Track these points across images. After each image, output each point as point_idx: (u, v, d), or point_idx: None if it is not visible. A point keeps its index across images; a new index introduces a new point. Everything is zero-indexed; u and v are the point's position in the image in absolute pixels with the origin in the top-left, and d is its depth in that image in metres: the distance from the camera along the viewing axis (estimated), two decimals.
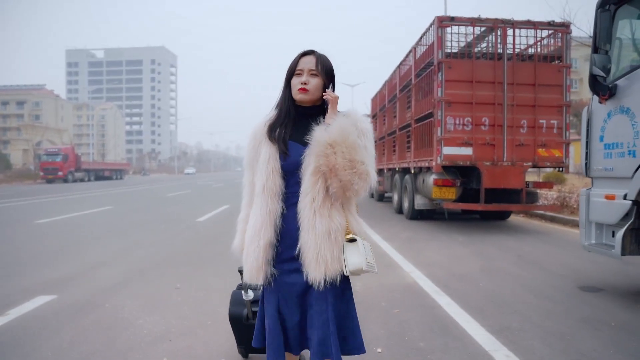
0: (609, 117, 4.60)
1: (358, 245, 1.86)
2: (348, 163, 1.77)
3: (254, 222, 1.91)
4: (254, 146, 1.97)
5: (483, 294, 4.70)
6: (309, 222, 1.82)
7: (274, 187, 1.88)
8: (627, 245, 4.36)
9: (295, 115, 1.95)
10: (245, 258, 1.93)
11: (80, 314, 4.03)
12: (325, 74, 1.93)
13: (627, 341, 3.44)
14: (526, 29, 9.22)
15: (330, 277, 1.82)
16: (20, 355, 3.15)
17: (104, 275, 5.46)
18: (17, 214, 13.12)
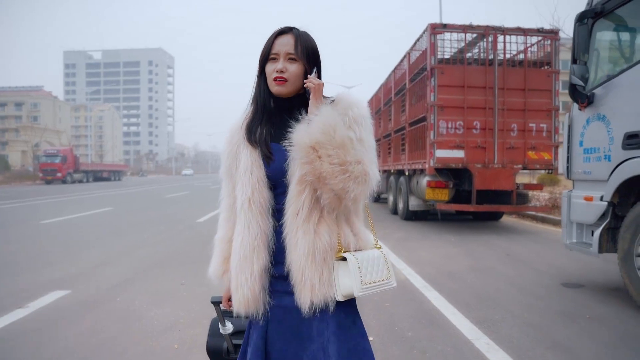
0: (587, 124, 4.92)
1: (349, 264, 1.50)
2: (337, 167, 1.43)
3: (241, 244, 1.56)
4: (231, 152, 1.65)
5: (469, 290, 5.00)
6: (292, 239, 1.52)
7: (262, 201, 1.55)
8: (603, 244, 4.68)
9: (274, 109, 1.62)
10: (236, 288, 1.57)
11: (94, 306, 4.33)
12: (306, 57, 1.57)
13: (599, 332, 3.74)
14: (516, 35, 9.55)
15: (318, 302, 1.50)
16: (46, 340, 3.45)
17: (112, 272, 5.76)
18: (21, 214, 13.39)
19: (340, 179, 1.43)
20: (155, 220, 11.79)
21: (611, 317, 4.12)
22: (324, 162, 1.43)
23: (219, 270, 1.69)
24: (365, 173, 1.47)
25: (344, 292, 1.51)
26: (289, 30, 1.59)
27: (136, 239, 8.63)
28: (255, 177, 1.56)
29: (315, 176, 1.45)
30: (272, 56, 1.57)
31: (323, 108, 1.49)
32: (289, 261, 1.52)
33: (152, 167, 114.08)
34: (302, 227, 1.51)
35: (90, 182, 45.44)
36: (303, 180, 1.49)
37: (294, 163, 1.50)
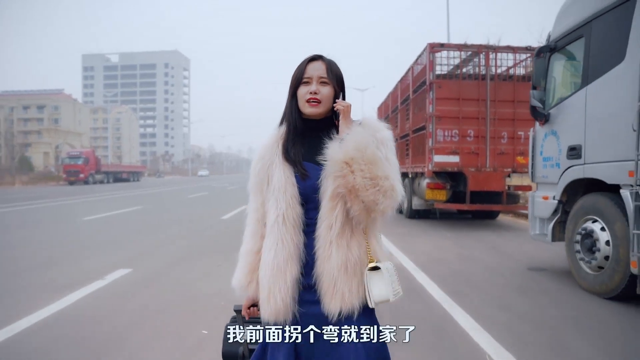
0: (545, 137, 6.08)
1: (383, 273, 1.65)
2: (369, 181, 1.56)
3: (275, 257, 1.66)
4: (263, 168, 1.74)
5: (451, 272, 6.18)
6: (324, 252, 1.63)
7: (295, 217, 1.67)
8: (556, 234, 5.86)
9: (304, 130, 1.74)
10: (267, 298, 1.67)
11: (153, 280, 5.62)
12: (336, 81, 1.73)
13: (542, 300, 4.90)
14: (506, 53, 10.69)
15: (346, 310, 1.62)
16: (120, 304, 4.71)
17: (161, 257, 7.06)
18: (61, 213, 14.82)
19: (372, 192, 1.55)
20: (185, 217, 13.15)
21: (557, 291, 5.27)
22: (356, 176, 1.55)
23: (244, 280, 1.79)
24: (392, 188, 1.59)
25: (377, 299, 1.64)
26: (318, 57, 1.74)
27: (173, 232, 9.96)
28: (289, 194, 1.66)
29: (347, 189, 1.57)
30: (305, 80, 1.71)
31: (354, 128, 1.64)
32: (320, 272, 1.64)
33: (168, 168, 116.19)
34: (335, 241, 1.62)
35: (111, 183, 47.08)
36: (335, 196, 1.61)
37: (326, 180, 1.62)
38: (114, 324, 4.06)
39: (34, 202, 19.28)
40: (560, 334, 3.86)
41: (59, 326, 4.00)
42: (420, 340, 3.60)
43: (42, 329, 3.95)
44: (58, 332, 3.86)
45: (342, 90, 1.77)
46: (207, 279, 5.70)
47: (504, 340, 3.67)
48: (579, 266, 5.30)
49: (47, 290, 5.09)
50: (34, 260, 6.86)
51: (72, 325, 4.01)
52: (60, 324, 4.06)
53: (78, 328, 3.96)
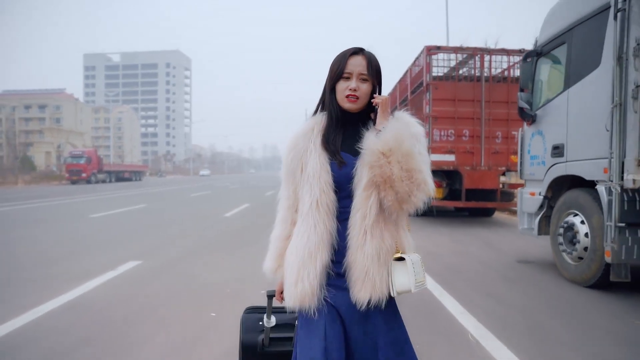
0: (532, 137, 6.43)
1: (407, 264, 1.69)
2: (405, 173, 1.60)
3: (307, 242, 1.69)
4: (296, 156, 1.76)
5: (443, 264, 6.53)
6: (358, 241, 1.66)
7: (329, 203, 1.69)
8: (542, 228, 6.21)
9: (342, 121, 1.77)
10: (295, 282, 1.69)
11: (163, 271, 5.98)
12: (375, 77, 1.74)
13: (527, 289, 5.26)
14: (500, 55, 11.04)
15: (375, 299, 1.66)
16: (133, 291, 5.07)
17: (167, 251, 7.42)
18: (68, 210, 15.17)
19: (406, 184, 1.60)
20: (189, 215, 13.53)
21: (542, 281, 5.62)
22: (393, 167, 1.59)
23: (273, 265, 1.83)
24: (425, 182, 1.64)
25: (399, 289, 1.68)
26: (360, 51, 1.73)
27: (178, 228, 10.33)
28: (324, 181, 1.69)
29: (383, 178, 1.61)
30: (346, 75, 1.70)
31: (392, 121, 1.68)
32: (352, 260, 1.67)
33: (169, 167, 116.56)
34: (369, 231, 1.66)
35: (113, 182, 47.42)
36: (370, 185, 1.65)
37: (361, 170, 1.66)
38: (130, 307, 4.43)
39: (39, 201, 19.65)
40: (538, 318, 4.21)
41: (80, 309, 4.36)
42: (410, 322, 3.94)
43: (66, 310, 4.32)
44: (80, 313, 4.23)
45: (379, 84, 1.78)
46: (213, 270, 6.06)
47: (486, 322, 4.03)
48: (561, 257, 5.66)
49: (66, 279, 5.45)
50: (49, 253, 7.24)
51: (92, 308, 4.38)
52: (80, 307, 4.43)
53: (97, 311, 4.32)
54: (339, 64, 1.72)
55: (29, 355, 3.31)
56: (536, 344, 3.55)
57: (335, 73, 1.72)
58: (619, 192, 4.46)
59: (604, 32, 4.80)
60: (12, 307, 4.36)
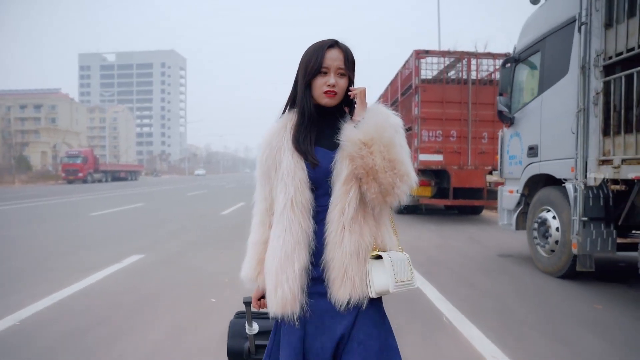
0: (511, 138, 6.87)
1: (384, 262, 1.60)
2: (388, 163, 1.54)
3: (283, 244, 1.61)
4: (270, 154, 1.69)
5: (427, 257, 6.96)
6: (336, 237, 1.59)
7: (304, 202, 1.61)
8: (519, 223, 6.66)
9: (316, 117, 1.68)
10: (275, 287, 1.61)
11: (164, 264, 6.39)
12: (352, 70, 1.68)
13: (503, 279, 5.69)
14: (487, 59, 11.50)
15: (355, 299, 1.58)
16: (139, 281, 5.48)
17: (168, 246, 7.82)
18: (68, 209, 15.53)
19: (390, 175, 1.53)
20: (186, 213, 13.93)
21: (517, 272, 6.05)
22: (376, 157, 1.52)
23: (252, 272, 1.75)
24: (407, 173, 1.57)
25: (377, 289, 1.59)
26: (335, 44, 1.65)
27: (177, 226, 10.73)
28: (298, 179, 1.60)
29: (365, 170, 1.54)
30: (323, 70, 1.62)
31: (369, 112, 1.60)
32: (330, 258, 1.58)
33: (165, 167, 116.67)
34: (347, 227, 1.58)
35: (109, 182, 47.69)
36: (350, 179, 1.58)
37: (341, 162, 1.59)
38: (137, 294, 4.84)
39: (38, 200, 19.98)
40: (508, 303, 4.65)
41: (93, 295, 4.77)
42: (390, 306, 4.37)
43: (81, 297, 4.74)
44: (93, 299, 4.64)
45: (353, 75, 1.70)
46: (211, 262, 6.48)
47: (460, 306, 4.45)
48: (536, 250, 6.10)
49: (75, 271, 5.85)
50: (55, 248, 7.63)
51: (103, 295, 4.79)
52: (93, 294, 4.84)
53: (108, 297, 4.73)
54: (315, 58, 1.63)
55: (52, 333, 3.72)
56: (502, 324, 3.99)
57: (312, 68, 1.63)
58: (583, 189, 4.90)
59: (571, 42, 5.24)
60: (30, 295, 4.77)
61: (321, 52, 1.63)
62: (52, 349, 3.41)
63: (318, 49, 1.64)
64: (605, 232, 4.99)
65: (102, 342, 3.54)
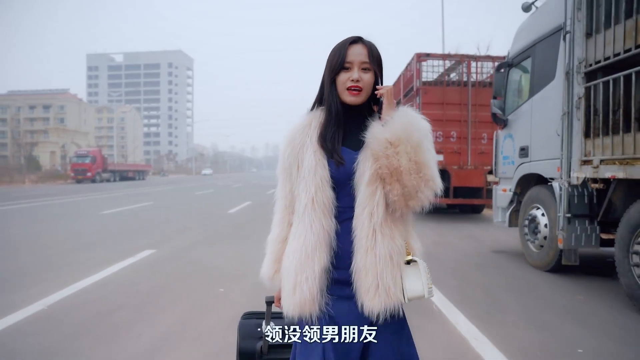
0: (504, 140, 7.20)
1: (419, 267, 1.58)
2: (414, 166, 1.47)
3: (304, 244, 1.56)
4: (293, 152, 1.64)
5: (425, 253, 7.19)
6: (368, 242, 1.51)
7: (325, 201, 1.56)
8: (512, 221, 6.99)
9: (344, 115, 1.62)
10: (293, 287, 1.56)
11: (175, 258, 6.79)
12: (377, 66, 1.62)
13: (495, 272, 6.04)
14: (486, 61, 11.81)
15: (391, 307, 1.51)
16: (152, 273, 5.86)
17: (178, 242, 8.22)
18: (80, 207, 16.00)
19: (415, 177, 1.47)
20: (194, 211, 14.38)
21: (509, 266, 6.39)
22: (401, 158, 1.46)
23: (270, 270, 1.71)
24: (433, 178, 1.51)
25: (411, 295, 1.55)
26: (359, 40, 1.62)
27: (186, 223, 11.15)
28: (319, 177, 1.56)
29: (390, 170, 1.48)
30: (347, 65, 1.58)
31: (398, 112, 1.55)
32: (362, 265, 1.52)
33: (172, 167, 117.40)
34: (379, 230, 1.51)
35: (117, 182, 48.22)
36: (375, 179, 1.52)
37: (364, 162, 1.53)
38: (151, 284, 5.24)
39: (50, 199, 20.48)
40: (496, 294, 4.99)
41: (110, 285, 5.17)
42: None
43: (99, 286, 5.14)
44: (111, 288, 5.04)
45: (381, 73, 1.65)
46: (219, 256, 6.86)
47: (450, 297, 4.80)
48: (526, 246, 6.43)
49: (93, 264, 6.26)
50: (72, 244, 8.05)
51: (120, 285, 5.19)
52: (110, 284, 5.24)
53: (124, 287, 5.13)
54: (339, 54, 1.60)
55: (78, 317, 4.13)
56: (487, 312, 4.33)
57: (336, 64, 1.59)
58: (567, 187, 5.23)
59: (557, 50, 5.57)
60: (54, 285, 5.16)
61: (344, 48, 1.60)
62: (79, 329, 3.81)
63: (341, 46, 1.61)
64: (589, 228, 5.31)
65: (123, 323, 3.93)
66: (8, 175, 44.86)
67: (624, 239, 4.44)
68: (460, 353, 3.40)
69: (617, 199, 4.90)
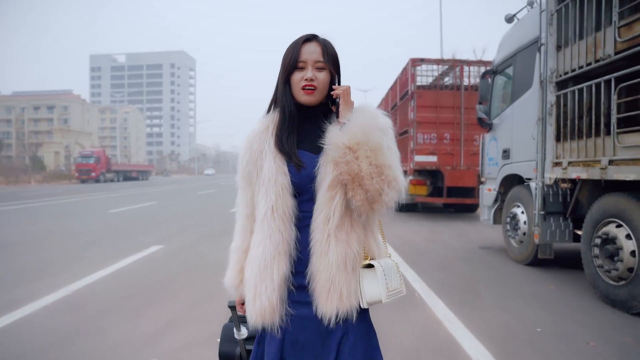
0: (489, 142, 7.68)
1: (376, 271, 1.54)
2: (375, 169, 1.44)
3: (262, 253, 1.54)
4: (251, 158, 1.62)
5: (416, 249, 7.76)
6: (322, 247, 1.51)
7: (285, 209, 1.53)
8: (497, 218, 7.46)
9: (298, 117, 1.59)
10: (253, 298, 1.55)
11: (181, 252, 7.29)
12: (333, 64, 1.58)
13: (478, 266, 6.50)
14: (478, 66, 12.28)
15: (343, 312, 1.50)
16: (160, 266, 6.36)
17: (184, 238, 8.72)
18: (87, 206, 16.52)
19: (377, 181, 1.46)
20: (197, 210, 14.92)
21: (492, 261, 6.86)
22: (362, 162, 1.44)
23: (235, 280, 1.70)
24: (395, 178, 1.49)
25: (369, 299, 1.54)
26: (313, 38, 1.58)
27: (190, 221, 11.67)
28: (280, 185, 1.54)
29: (351, 176, 1.46)
30: (300, 64, 1.55)
31: (356, 112, 1.52)
32: (315, 269, 1.52)
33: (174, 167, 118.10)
34: (333, 235, 1.51)
35: (121, 182, 48.76)
36: (335, 185, 1.50)
37: (324, 167, 1.51)
38: (160, 276, 5.74)
39: (56, 199, 21.02)
40: (475, 284, 5.46)
41: (122, 277, 5.68)
42: None
43: (112, 278, 5.64)
44: (123, 279, 5.54)
45: (338, 73, 1.63)
46: (221, 251, 7.20)
47: (433, 286, 5.28)
48: (509, 242, 6.90)
49: (105, 258, 6.76)
50: (84, 240, 8.57)
51: (131, 277, 5.69)
52: (122, 276, 5.75)
53: (135, 278, 5.63)
54: (292, 53, 1.57)
55: (99, 301, 4.65)
56: (463, 299, 4.81)
57: (289, 63, 1.57)
58: (541, 187, 5.70)
59: (534, 60, 6.04)
60: (73, 275, 5.68)
61: (297, 47, 1.57)
62: (101, 311, 4.34)
63: (295, 44, 1.58)
64: (562, 224, 5.78)
65: (139, 307, 4.45)
66: (14, 175, 45.46)
67: (587, 234, 4.91)
68: (434, 333, 3.87)
69: (583, 198, 5.37)
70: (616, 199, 4.52)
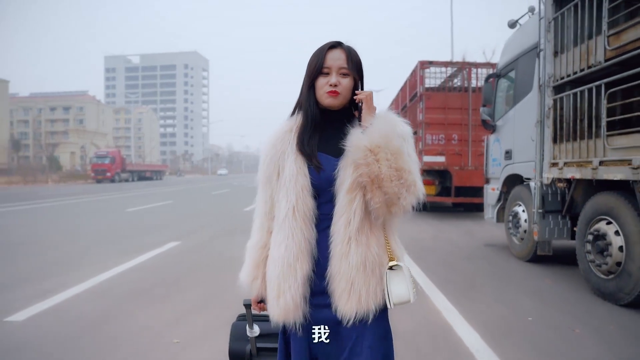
0: (493, 143, 7.95)
1: (404, 272, 1.59)
2: (394, 172, 1.49)
3: (285, 253, 1.58)
4: (274, 158, 1.65)
5: (422, 247, 8.05)
6: (342, 249, 1.55)
7: (306, 210, 1.58)
8: (500, 217, 7.73)
9: (321, 121, 1.64)
10: (277, 295, 1.60)
11: (197, 248, 7.67)
12: (357, 71, 1.64)
13: (483, 264, 6.77)
14: (486, 68, 12.51)
15: (361, 313, 1.55)
16: (177, 261, 6.73)
17: (200, 235, 9.12)
18: (105, 205, 17.04)
19: (396, 184, 1.49)
20: (212, 209, 15.38)
21: (495, 258, 7.13)
22: (382, 165, 1.48)
23: (250, 276, 1.76)
24: (414, 183, 1.53)
25: (396, 300, 1.58)
26: (338, 45, 1.64)
27: (205, 219, 12.10)
28: (300, 185, 1.58)
29: (370, 178, 1.50)
30: (325, 70, 1.61)
31: (378, 118, 1.57)
32: (336, 271, 1.56)
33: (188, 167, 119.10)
34: (354, 238, 1.55)
35: (136, 182, 49.47)
36: (354, 187, 1.54)
37: (345, 170, 1.55)
38: (177, 270, 6.12)
39: (74, 198, 21.63)
40: (477, 279, 5.74)
41: (144, 270, 6.07)
42: None
43: (135, 271, 6.04)
44: (144, 272, 5.93)
45: (361, 79, 1.68)
46: (236, 248, 7.59)
47: (435, 281, 5.57)
48: (511, 239, 7.17)
49: (126, 252, 7.17)
50: (104, 237, 9.02)
51: (152, 270, 6.08)
52: (144, 269, 6.14)
53: (155, 271, 6.02)
54: (317, 59, 1.62)
55: (123, 291, 5.04)
56: (463, 292, 5.10)
57: (314, 69, 1.62)
58: (540, 186, 5.96)
59: (534, 64, 6.30)
60: (94, 269, 6.07)
61: (323, 53, 1.63)
62: (125, 299, 4.74)
63: (320, 51, 1.64)
64: (560, 222, 6.04)
65: (160, 296, 4.84)
66: (32, 175, 46.40)
67: (581, 231, 5.18)
68: (433, 322, 4.18)
69: (578, 196, 5.63)
70: (606, 197, 4.79)
